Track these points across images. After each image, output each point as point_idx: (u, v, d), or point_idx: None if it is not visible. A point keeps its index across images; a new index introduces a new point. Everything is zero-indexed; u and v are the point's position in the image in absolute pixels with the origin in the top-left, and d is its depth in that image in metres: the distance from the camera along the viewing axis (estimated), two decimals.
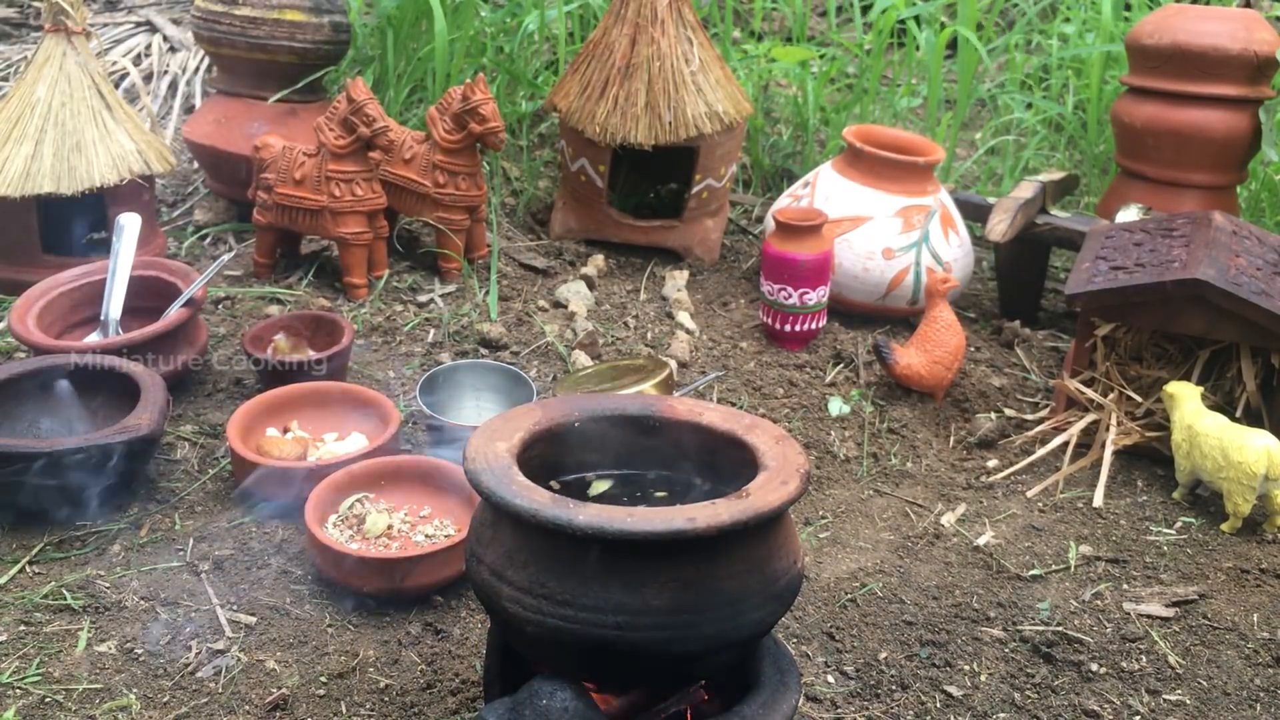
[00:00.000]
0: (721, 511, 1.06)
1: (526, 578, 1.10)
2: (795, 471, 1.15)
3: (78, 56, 2.37)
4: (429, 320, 2.37)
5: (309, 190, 2.34)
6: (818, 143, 3.33)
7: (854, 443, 2.11)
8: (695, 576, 1.08)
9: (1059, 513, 1.94)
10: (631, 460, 1.34)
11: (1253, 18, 2.58)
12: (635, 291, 2.60)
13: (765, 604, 1.13)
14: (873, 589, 1.69)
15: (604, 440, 1.32)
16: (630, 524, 1.04)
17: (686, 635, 1.08)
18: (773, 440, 1.23)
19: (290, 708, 1.39)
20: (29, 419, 1.84)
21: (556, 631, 1.08)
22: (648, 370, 1.95)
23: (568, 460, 1.32)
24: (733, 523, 1.05)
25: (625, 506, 1.09)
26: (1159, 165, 2.66)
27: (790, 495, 1.11)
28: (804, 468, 1.16)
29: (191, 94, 3.33)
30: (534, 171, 3.02)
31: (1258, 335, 1.98)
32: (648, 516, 1.05)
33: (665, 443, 1.32)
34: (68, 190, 2.27)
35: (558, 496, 1.10)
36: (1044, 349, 2.51)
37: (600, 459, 1.33)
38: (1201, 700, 1.50)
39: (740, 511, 1.07)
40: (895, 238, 2.43)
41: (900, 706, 1.46)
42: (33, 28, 3.69)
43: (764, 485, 1.13)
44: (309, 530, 1.57)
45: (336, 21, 2.68)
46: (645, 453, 1.33)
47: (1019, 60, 3.65)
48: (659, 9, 2.54)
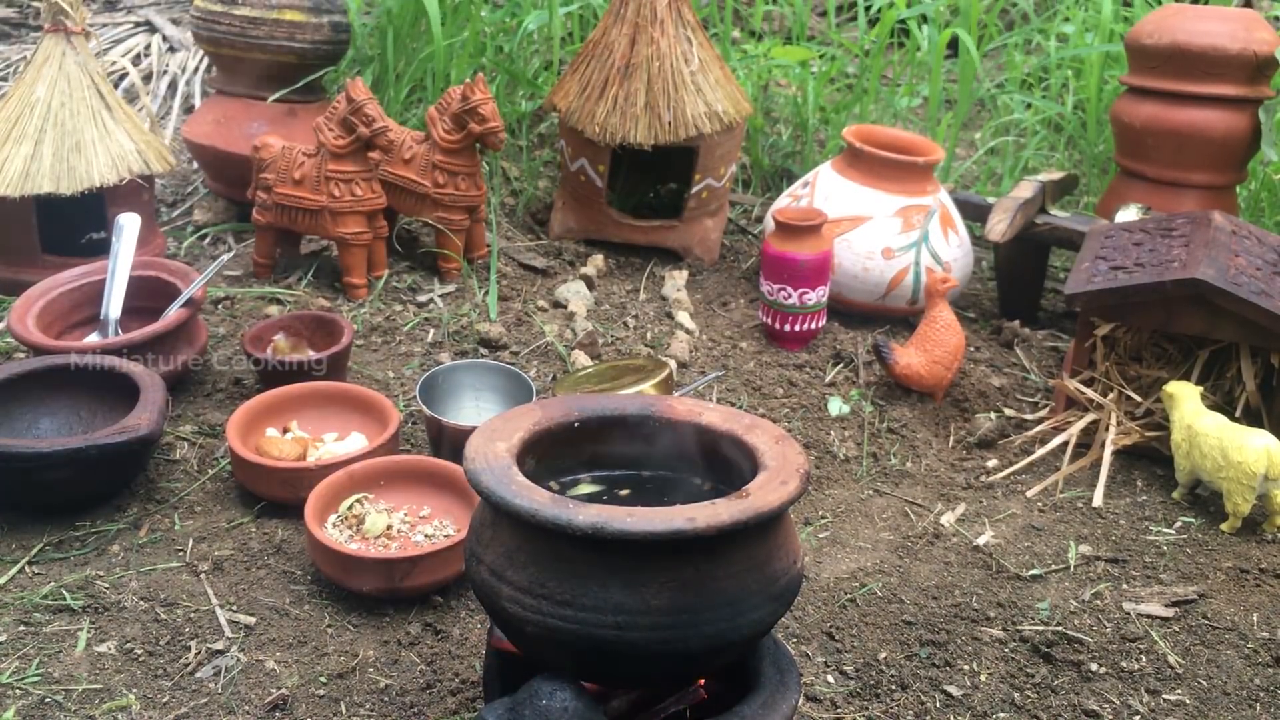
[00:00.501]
0: (721, 511, 1.06)
1: (526, 578, 1.10)
2: (795, 471, 1.15)
3: (77, 56, 2.36)
4: (428, 320, 2.37)
5: (308, 190, 2.34)
6: (817, 142, 3.33)
7: (854, 443, 2.11)
8: (695, 577, 1.08)
9: (1059, 512, 1.94)
10: (631, 460, 1.34)
11: (1252, 17, 2.58)
12: (635, 291, 2.60)
13: (765, 604, 1.13)
14: (872, 589, 1.69)
15: (604, 440, 1.32)
16: (630, 524, 1.03)
17: (686, 635, 1.08)
18: (772, 440, 1.22)
19: (290, 708, 1.39)
20: (28, 419, 1.84)
21: (556, 631, 1.08)
22: (647, 370, 1.95)
23: (568, 460, 1.32)
24: (732, 523, 1.05)
25: (625, 506, 1.09)
26: (1158, 165, 2.65)
27: (790, 495, 1.11)
28: (804, 467, 1.16)
29: (191, 94, 3.33)
30: (533, 171, 3.02)
31: (1257, 335, 1.98)
32: (647, 516, 1.05)
33: (665, 443, 1.32)
34: (67, 190, 2.27)
35: (557, 496, 1.09)
36: (1043, 349, 2.51)
37: (600, 459, 1.33)
38: (1201, 700, 1.50)
39: (740, 511, 1.06)
40: (895, 237, 2.43)
41: (900, 706, 1.46)
42: (32, 28, 3.69)
43: (764, 485, 1.13)
44: (309, 530, 1.57)
45: (336, 21, 2.68)
46: (645, 453, 1.33)
47: (1018, 60, 3.65)
48: (658, 9, 2.54)
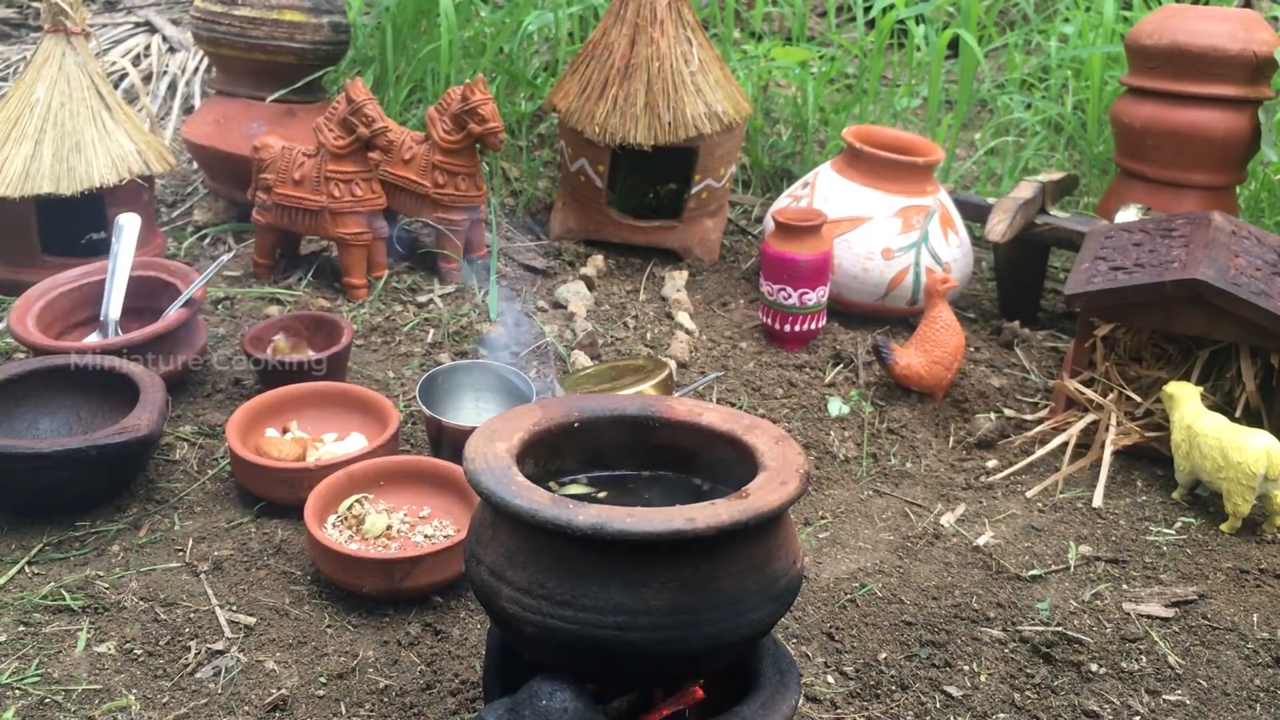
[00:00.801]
0: (721, 512, 1.06)
1: (526, 578, 1.10)
2: (795, 472, 1.15)
3: (77, 57, 2.36)
4: (428, 320, 2.37)
5: (308, 191, 2.34)
6: (817, 143, 3.33)
7: (854, 443, 2.11)
8: (695, 577, 1.08)
9: (1058, 513, 1.94)
10: (631, 460, 1.34)
11: (1252, 18, 2.58)
12: (635, 292, 2.60)
13: (765, 604, 1.13)
14: (872, 589, 1.69)
15: (604, 440, 1.32)
16: (630, 524, 1.04)
17: (686, 635, 1.08)
18: (772, 440, 1.22)
19: (290, 708, 1.39)
20: (28, 419, 1.84)
21: (556, 632, 1.08)
22: (647, 371, 1.95)
23: (568, 461, 1.32)
24: (732, 523, 1.05)
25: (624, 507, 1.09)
26: (1158, 165, 2.66)
27: (790, 495, 1.11)
28: (803, 468, 1.16)
29: (191, 94, 3.33)
30: (533, 172, 3.02)
31: (1257, 335, 1.98)
32: (647, 517, 1.05)
33: (665, 443, 1.32)
34: (67, 191, 2.27)
35: (557, 497, 1.09)
36: (1043, 349, 2.51)
37: (600, 459, 1.33)
38: (1201, 700, 1.50)
39: (740, 512, 1.07)
40: (895, 238, 2.43)
41: (900, 707, 1.46)
42: (32, 28, 3.69)
43: (764, 485, 1.13)
44: (308, 530, 1.57)
45: (336, 22, 2.68)
46: (645, 453, 1.33)
47: (1018, 60, 3.65)
48: (658, 9, 2.54)
